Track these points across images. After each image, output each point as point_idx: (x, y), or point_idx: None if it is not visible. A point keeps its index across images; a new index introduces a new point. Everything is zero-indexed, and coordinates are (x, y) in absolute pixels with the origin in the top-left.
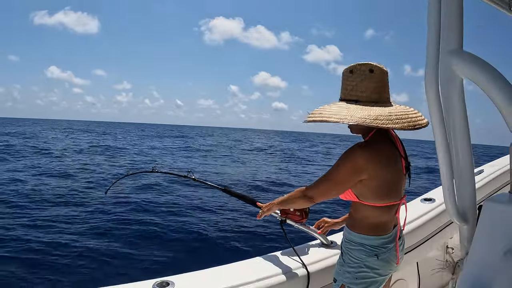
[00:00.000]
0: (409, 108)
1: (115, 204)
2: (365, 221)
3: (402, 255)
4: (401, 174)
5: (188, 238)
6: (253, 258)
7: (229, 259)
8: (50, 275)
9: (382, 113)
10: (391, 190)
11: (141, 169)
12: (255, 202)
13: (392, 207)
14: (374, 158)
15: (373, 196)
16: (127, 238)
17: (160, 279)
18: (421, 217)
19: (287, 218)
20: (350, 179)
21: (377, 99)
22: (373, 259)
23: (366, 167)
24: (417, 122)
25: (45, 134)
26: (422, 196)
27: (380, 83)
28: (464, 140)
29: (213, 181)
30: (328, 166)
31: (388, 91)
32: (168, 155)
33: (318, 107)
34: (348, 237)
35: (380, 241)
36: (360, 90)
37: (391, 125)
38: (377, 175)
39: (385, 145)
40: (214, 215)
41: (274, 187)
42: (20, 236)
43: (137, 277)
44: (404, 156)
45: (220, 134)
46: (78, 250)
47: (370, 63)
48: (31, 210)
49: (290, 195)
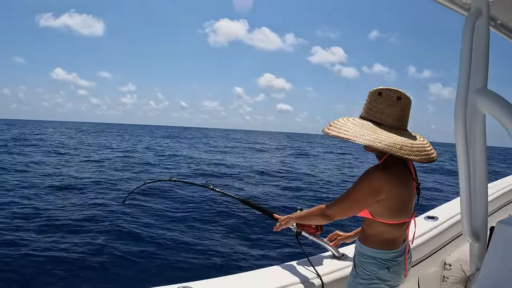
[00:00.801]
0: (424, 140)
1: (134, 212)
2: (378, 236)
3: (409, 268)
4: (413, 193)
5: (208, 245)
6: (271, 266)
7: (248, 268)
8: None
9: (406, 144)
10: (403, 209)
11: (160, 178)
12: (272, 214)
13: (403, 224)
14: (391, 180)
15: (387, 215)
16: (149, 245)
17: (182, 285)
18: (424, 234)
19: (303, 230)
20: (368, 199)
21: (399, 126)
22: (385, 271)
23: (383, 188)
24: (430, 156)
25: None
26: (426, 213)
27: (404, 112)
28: (482, 168)
29: (232, 191)
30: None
31: (408, 119)
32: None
33: (339, 119)
34: (361, 251)
35: (392, 255)
36: (386, 114)
37: (412, 157)
38: (393, 195)
39: (400, 168)
40: (231, 224)
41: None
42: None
43: (160, 282)
44: (415, 177)
45: (244, 136)
46: (101, 253)
47: (399, 91)
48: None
49: (309, 212)
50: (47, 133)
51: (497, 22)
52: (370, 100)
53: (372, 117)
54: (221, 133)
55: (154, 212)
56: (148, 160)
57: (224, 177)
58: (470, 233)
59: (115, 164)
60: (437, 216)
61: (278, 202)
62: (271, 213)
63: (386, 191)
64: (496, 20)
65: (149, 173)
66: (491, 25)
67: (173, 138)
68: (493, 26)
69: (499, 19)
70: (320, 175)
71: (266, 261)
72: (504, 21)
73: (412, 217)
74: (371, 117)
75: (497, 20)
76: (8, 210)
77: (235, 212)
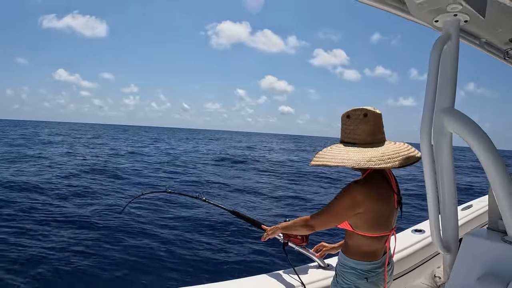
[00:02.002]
0: (402, 144)
1: (130, 222)
2: (358, 248)
3: (390, 280)
4: (393, 208)
5: (196, 254)
6: (257, 275)
7: (235, 276)
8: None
9: (375, 155)
10: (383, 222)
11: (155, 190)
12: (260, 224)
13: (382, 237)
14: (370, 194)
15: (366, 228)
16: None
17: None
18: (411, 247)
19: (289, 241)
20: (348, 213)
21: (371, 140)
22: (363, 281)
23: (362, 202)
24: (409, 156)
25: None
26: (413, 227)
27: (373, 126)
28: (450, 183)
29: (222, 203)
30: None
31: (382, 132)
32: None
33: (322, 150)
34: (342, 261)
35: (370, 266)
36: (357, 133)
37: (383, 165)
38: (372, 209)
39: (380, 182)
40: (221, 234)
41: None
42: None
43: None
44: (397, 191)
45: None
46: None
47: (364, 108)
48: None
49: (294, 222)
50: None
51: (481, 41)
52: (342, 124)
53: (346, 139)
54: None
55: (147, 221)
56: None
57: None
58: (441, 245)
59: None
60: (424, 229)
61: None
62: (259, 224)
63: (365, 205)
64: (480, 39)
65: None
66: (475, 43)
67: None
68: (477, 44)
69: (483, 38)
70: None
71: (253, 270)
72: (488, 39)
73: (392, 231)
74: (346, 139)
75: (481, 38)
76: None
77: (225, 222)
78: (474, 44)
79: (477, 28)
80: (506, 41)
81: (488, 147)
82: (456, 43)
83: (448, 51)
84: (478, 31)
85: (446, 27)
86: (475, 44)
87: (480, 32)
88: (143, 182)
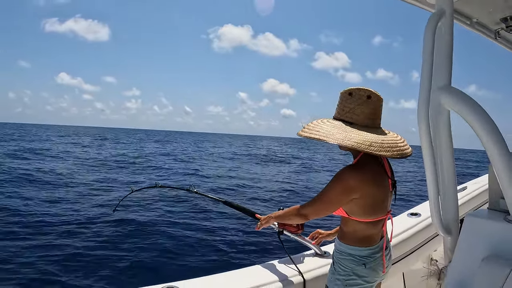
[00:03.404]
0: (397, 136)
1: (124, 218)
2: (354, 234)
3: (388, 264)
4: (388, 192)
5: (191, 247)
6: (252, 266)
7: (230, 267)
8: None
9: (376, 140)
10: (378, 207)
11: (145, 185)
12: (254, 214)
13: (378, 222)
14: (364, 179)
15: (361, 213)
16: (135, 248)
17: (167, 285)
18: (407, 231)
19: (284, 229)
20: (342, 199)
21: (370, 124)
22: (361, 267)
23: (357, 188)
24: (404, 152)
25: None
26: (409, 210)
27: (374, 110)
28: (449, 163)
29: (214, 193)
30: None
31: (380, 118)
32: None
33: (313, 122)
34: (338, 248)
35: (367, 251)
36: (356, 113)
37: (383, 153)
38: (367, 194)
39: (373, 166)
40: (215, 225)
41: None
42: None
43: (145, 283)
44: (390, 175)
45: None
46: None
47: (368, 89)
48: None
49: (286, 211)
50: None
51: (472, 21)
52: (341, 100)
53: (344, 117)
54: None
55: (140, 217)
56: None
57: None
58: (441, 226)
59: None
60: (420, 212)
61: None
62: (253, 213)
63: (360, 190)
64: (471, 19)
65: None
66: (466, 23)
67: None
68: (469, 24)
69: (474, 17)
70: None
71: (249, 260)
72: (479, 19)
73: (388, 214)
74: (343, 117)
75: (472, 19)
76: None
77: (218, 214)
78: (466, 24)
79: (469, 7)
80: (497, 21)
81: (488, 124)
82: (450, 19)
83: (442, 28)
84: (470, 10)
85: (439, 3)
86: (467, 25)
87: (472, 11)
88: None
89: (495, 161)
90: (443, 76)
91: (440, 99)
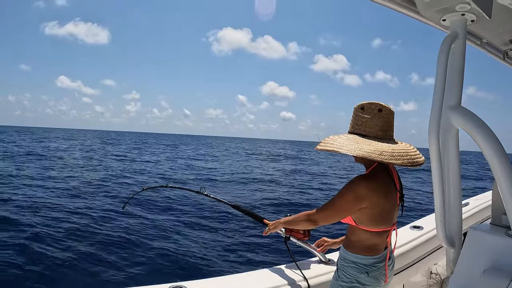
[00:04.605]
0: (409, 146)
1: (133, 216)
2: (359, 243)
3: (391, 274)
4: (395, 204)
5: (200, 248)
6: (260, 269)
7: (238, 270)
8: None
9: (386, 150)
10: (385, 218)
11: (157, 184)
12: (262, 219)
13: (384, 232)
14: (374, 189)
15: (369, 222)
16: (143, 247)
17: (175, 284)
18: (409, 243)
19: (291, 235)
20: (352, 207)
21: (382, 135)
22: (364, 275)
23: (367, 197)
24: (415, 160)
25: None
26: (412, 223)
27: (386, 122)
28: (456, 178)
29: (224, 197)
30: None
31: (392, 129)
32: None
33: (329, 137)
34: (343, 255)
35: (371, 261)
36: (369, 126)
37: (393, 161)
38: (375, 204)
39: (384, 178)
40: (224, 228)
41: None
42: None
43: (153, 281)
44: (399, 188)
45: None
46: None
47: (380, 103)
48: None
49: (296, 217)
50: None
51: (482, 41)
52: (355, 115)
53: (357, 130)
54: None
55: (151, 216)
56: None
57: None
58: (445, 239)
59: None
60: (422, 226)
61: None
62: (261, 219)
63: (369, 200)
64: (482, 39)
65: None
66: (477, 43)
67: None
68: (479, 44)
69: (484, 38)
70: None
71: (256, 264)
72: (489, 40)
73: (393, 226)
74: (356, 131)
75: (482, 39)
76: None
77: (227, 217)
78: (476, 44)
79: (481, 29)
80: (506, 42)
81: (493, 143)
82: (463, 42)
83: (455, 50)
84: (481, 31)
85: (453, 26)
86: (477, 44)
87: (483, 32)
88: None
89: (499, 179)
90: (454, 95)
91: (450, 118)
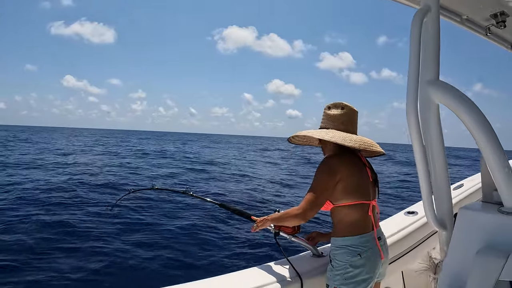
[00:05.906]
0: (370, 140)
1: (120, 219)
2: (342, 222)
3: (385, 252)
4: (367, 179)
5: (188, 249)
6: (249, 268)
7: (227, 270)
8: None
9: (347, 137)
10: (358, 189)
11: (143, 187)
12: (250, 216)
13: (362, 206)
14: (343, 162)
15: (344, 195)
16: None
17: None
18: (404, 229)
19: (281, 230)
20: (329, 182)
21: (344, 129)
22: (357, 258)
23: (338, 168)
24: (372, 148)
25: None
26: (406, 209)
27: (347, 117)
28: (440, 157)
29: (210, 196)
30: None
31: (355, 126)
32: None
33: (301, 131)
34: (333, 244)
35: (359, 240)
36: (332, 120)
37: (352, 144)
38: (347, 175)
39: (351, 157)
40: (212, 228)
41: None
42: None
43: (141, 287)
44: (369, 166)
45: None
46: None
47: (343, 103)
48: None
49: (284, 213)
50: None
51: (462, 18)
52: (324, 113)
53: (324, 125)
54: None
55: (137, 219)
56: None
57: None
58: (435, 221)
59: None
60: (417, 211)
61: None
62: (249, 215)
63: (340, 171)
64: (461, 16)
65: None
66: (457, 21)
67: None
68: (459, 22)
69: (464, 15)
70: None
71: (245, 262)
72: (470, 16)
73: (373, 202)
74: (324, 125)
75: (462, 16)
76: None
77: (214, 216)
78: (455, 21)
79: (458, 4)
80: (487, 17)
81: (478, 116)
82: (436, 16)
83: (428, 23)
84: (459, 7)
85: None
86: (457, 22)
87: (461, 8)
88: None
89: (486, 153)
90: (431, 70)
91: (428, 93)
